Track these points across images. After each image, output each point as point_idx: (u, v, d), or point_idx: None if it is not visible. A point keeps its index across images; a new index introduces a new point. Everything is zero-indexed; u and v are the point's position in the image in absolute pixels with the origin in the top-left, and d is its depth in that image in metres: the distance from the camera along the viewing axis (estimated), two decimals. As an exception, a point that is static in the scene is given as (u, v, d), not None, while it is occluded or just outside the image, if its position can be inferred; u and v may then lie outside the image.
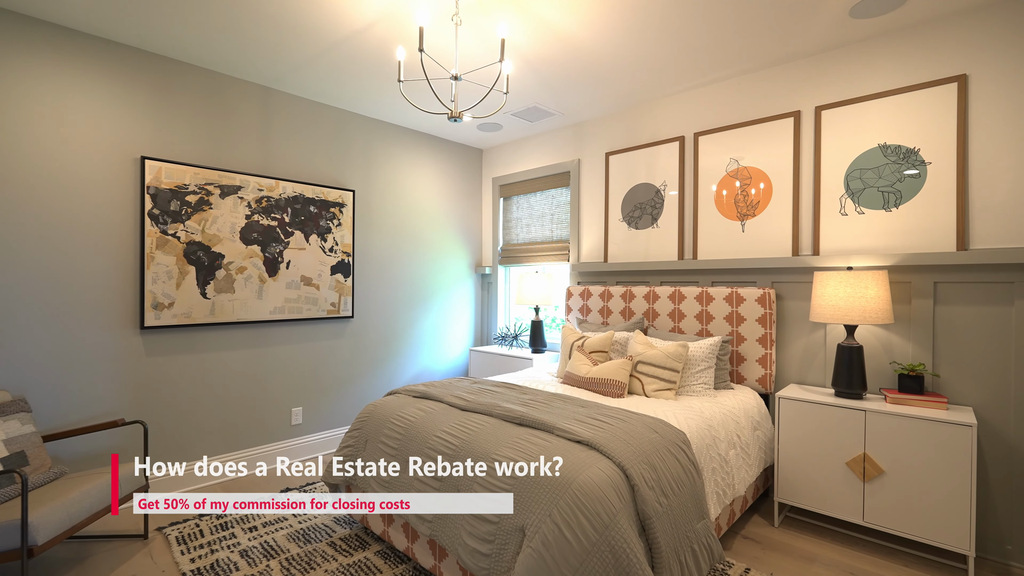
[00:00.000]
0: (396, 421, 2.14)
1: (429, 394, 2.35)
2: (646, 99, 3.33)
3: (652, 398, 2.53)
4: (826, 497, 2.31)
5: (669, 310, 3.11)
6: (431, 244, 4.15)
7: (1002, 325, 2.18)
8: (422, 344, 4.07)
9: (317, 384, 3.42)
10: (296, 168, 3.30)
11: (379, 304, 3.78)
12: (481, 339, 4.55)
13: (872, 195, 2.49)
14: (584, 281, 3.75)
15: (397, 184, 3.89)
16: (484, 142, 4.34)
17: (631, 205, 3.46)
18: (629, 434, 1.78)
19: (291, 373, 3.29)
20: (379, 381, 3.79)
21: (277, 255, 3.16)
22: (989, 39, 2.20)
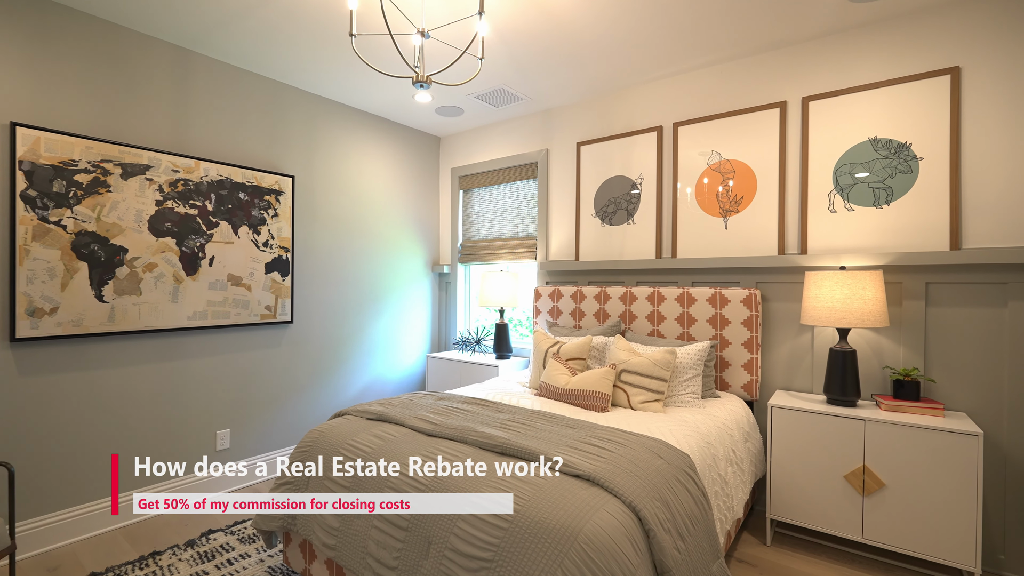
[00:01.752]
0: (347, 452, 1.75)
1: (387, 415, 1.98)
2: (623, 85, 3.09)
3: (639, 411, 2.28)
4: (823, 513, 2.16)
5: (647, 312, 2.89)
6: (383, 240, 3.72)
7: (995, 327, 2.10)
8: (373, 351, 3.65)
9: (249, 401, 2.93)
10: (222, 148, 2.79)
11: (323, 307, 3.32)
12: (439, 344, 4.18)
13: (862, 191, 2.37)
14: (553, 281, 3.48)
15: (344, 172, 3.45)
16: (442, 128, 3.97)
17: (605, 199, 3.22)
18: (633, 462, 1.51)
19: (216, 389, 2.78)
20: (324, 395, 3.33)
21: (197, 250, 2.65)
22: (983, 31, 2.12)
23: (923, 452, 1.96)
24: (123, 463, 2.42)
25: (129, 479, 2.45)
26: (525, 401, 2.36)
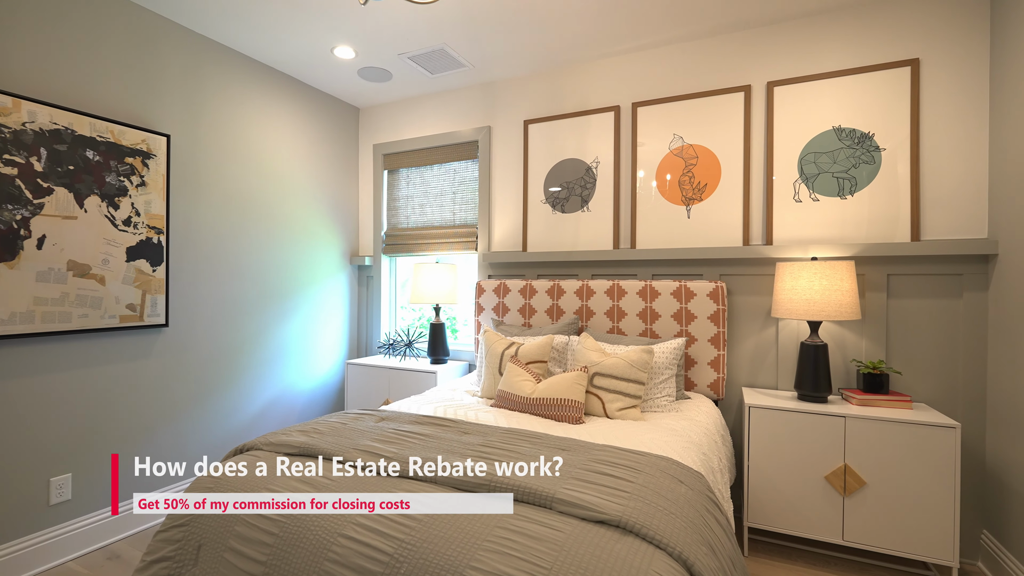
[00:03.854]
0: (257, 534, 1.22)
1: (315, 448, 1.46)
2: (578, 59, 2.81)
3: (617, 420, 1.99)
4: (802, 517, 2.04)
5: (607, 308, 2.63)
6: (291, 224, 3.08)
7: (950, 318, 2.13)
8: (279, 359, 2.99)
9: (103, 434, 2.18)
10: (60, 86, 2.03)
11: (212, 305, 2.62)
12: (360, 349, 3.60)
13: (827, 181, 2.32)
14: (498, 275, 3.10)
15: (243, 138, 2.76)
16: (364, 97, 3.40)
17: (556, 184, 2.92)
18: (660, 494, 1.19)
19: (50, 421, 2.01)
20: (214, 417, 2.63)
21: (17, 225, 1.88)
22: (941, 24, 2.14)
23: (902, 447, 1.90)
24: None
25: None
26: (485, 415, 1.96)
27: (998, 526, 1.96)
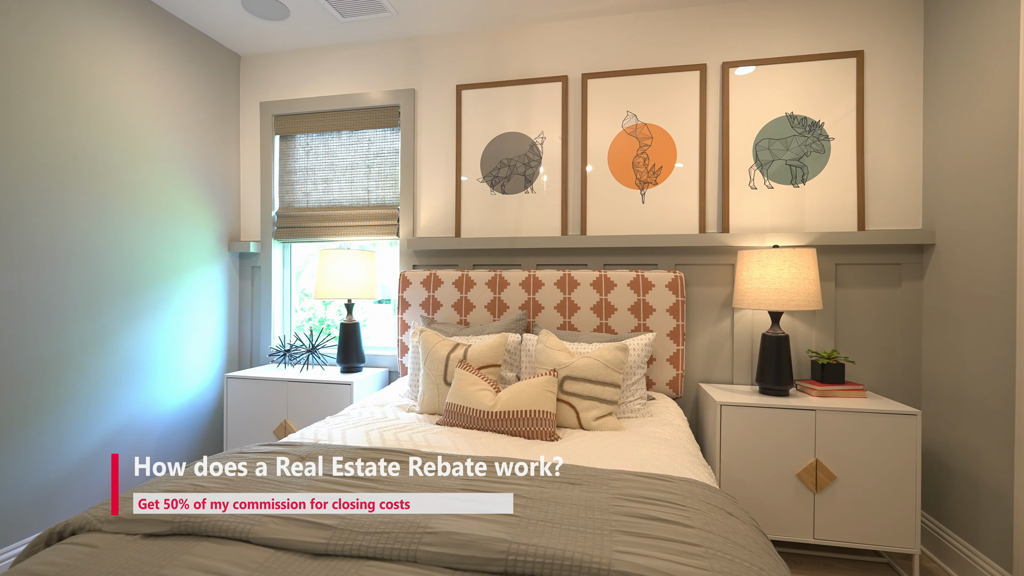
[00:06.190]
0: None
1: (204, 525, 0.92)
2: (521, 18, 2.47)
3: (595, 431, 1.69)
4: (775, 519, 1.92)
5: (557, 301, 2.33)
6: (142, 196, 2.30)
7: (890, 307, 2.19)
8: (124, 376, 2.21)
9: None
10: None
11: (16, 303, 1.81)
12: (244, 358, 2.87)
13: (780, 168, 2.26)
14: (425, 264, 2.64)
15: (69, 74, 1.96)
16: (250, 41, 2.70)
17: (495, 161, 2.55)
18: (729, 539, 0.90)
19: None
20: (20, 464, 1.81)
21: None
22: (883, 17, 2.18)
23: (867, 438, 1.87)
24: None
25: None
26: (437, 439, 1.53)
27: (938, 508, 2.03)
